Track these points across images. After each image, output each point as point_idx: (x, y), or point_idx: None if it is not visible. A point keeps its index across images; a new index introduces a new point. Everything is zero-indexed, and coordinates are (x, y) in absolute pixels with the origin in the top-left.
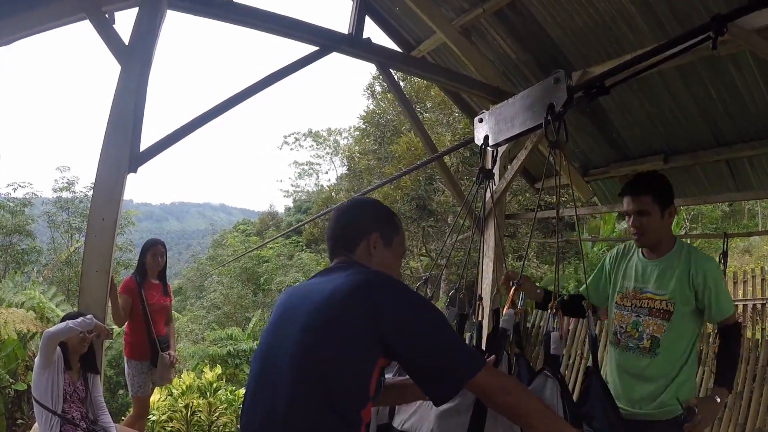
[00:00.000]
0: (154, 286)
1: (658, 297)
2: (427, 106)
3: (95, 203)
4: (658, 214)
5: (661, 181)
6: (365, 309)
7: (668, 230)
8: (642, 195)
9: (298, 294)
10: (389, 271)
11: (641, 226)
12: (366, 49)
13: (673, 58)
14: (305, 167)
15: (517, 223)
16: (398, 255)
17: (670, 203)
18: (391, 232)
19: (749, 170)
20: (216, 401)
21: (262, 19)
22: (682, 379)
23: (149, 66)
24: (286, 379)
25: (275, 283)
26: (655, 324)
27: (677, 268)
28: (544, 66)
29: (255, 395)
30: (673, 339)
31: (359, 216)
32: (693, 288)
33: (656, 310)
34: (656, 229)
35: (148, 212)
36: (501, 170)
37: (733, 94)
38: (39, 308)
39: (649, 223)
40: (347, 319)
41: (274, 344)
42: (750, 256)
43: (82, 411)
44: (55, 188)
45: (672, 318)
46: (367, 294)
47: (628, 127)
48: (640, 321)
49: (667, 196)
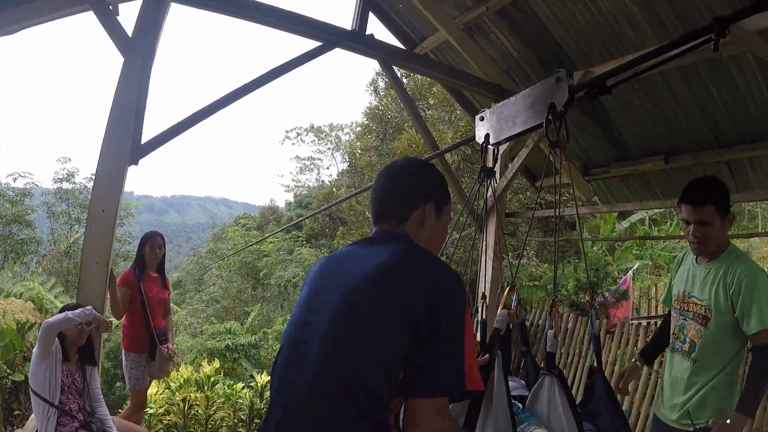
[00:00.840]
0: (152, 279)
1: (700, 302)
2: (429, 103)
3: (96, 194)
4: (719, 223)
5: (722, 190)
6: (404, 292)
7: (726, 238)
8: (706, 205)
9: (334, 267)
10: (437, 245)
11: (702, 236)
12: (369, 45)
13: (674, 59)
14: (306, 162)
15: (518, 222)
16: (446, 226)
17: (729, 210)
18: (444, 201)
19: (750, 171)
20: (213, 395)
21: (266, 13)
22: (712, 396)
23: (152, 58)
24: (314, 362)
25: (275, 278)
26: (695, 328)
27: (719, 274)
28: (547, 64)
29: (282, 377)
30: (708, 347)
31: (415, 180)
32: (729, 295)
33: (697, 315)
34: (716, 239)
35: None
36: (502, 168)
37: (735, 95)
38: (38, 299)
39: (710, 233)
40: (384, 302)
41: (306, 321)
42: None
43: (80, 402)
44: (55, 179)
45: (708, 325)
46: (410, 278)
47: (629, 127)
48: (685, 324)
49: (726, 204)
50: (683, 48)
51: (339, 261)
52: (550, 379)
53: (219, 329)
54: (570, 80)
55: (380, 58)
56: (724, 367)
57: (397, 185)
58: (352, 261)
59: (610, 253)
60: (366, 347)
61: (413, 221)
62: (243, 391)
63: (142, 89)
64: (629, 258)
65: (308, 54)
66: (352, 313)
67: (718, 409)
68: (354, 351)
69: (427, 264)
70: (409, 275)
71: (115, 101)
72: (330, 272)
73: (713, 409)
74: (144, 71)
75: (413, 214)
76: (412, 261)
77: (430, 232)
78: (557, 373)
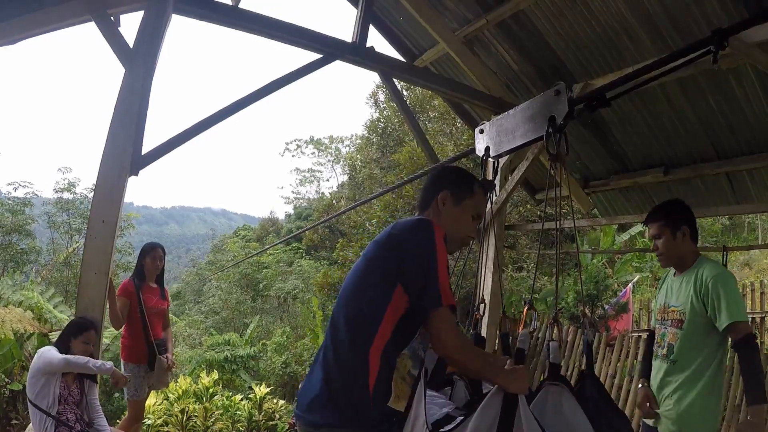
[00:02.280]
0: (152, 290)
1: (676, 308)
2: (430, 116)
3: (96, 205)
4: (670, 235)
5: (672, 208)
6: (392, 245)
7: (687, 249)
8: (655, 222)
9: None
10: (457, 227)
11: (660, 248)
12: (369, 57)
13: (674, 72)
14: (306, 174)
15: (517, 234)
16: (468, 214)
17: (681, 225)
18: (464, 193)
19: (749, 183)
20: (212, 407)
21: (267, 25)
22: (698, 402)
23: (153, 69)
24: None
25: (274, 290)
26: (672, 332)
27: (690, 281)
28: (546, 77)
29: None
30: (684, 347)
31: (433, 178)
32: (700, 297)
33: (674, 321)
34: (675, 250)
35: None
36: (501, 181)
37: (734, 107)
38: (37, 308)
39: (664, 245)
40: (379, 254)
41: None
42: (750, 269)
43: (77, 413)
44: (56, 189)
45: (683, 326)
46: (398, 235)
47: (628, 140)
48: (665, 332)
49: (675, 219)
50: (683, 60)
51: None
52: (558, 389)
53: (218, 340)
54: (569, 93)
55: (380, 71)
56: (704, 368)
57: (424, 186)
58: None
59: (610, 265)
60: (362, 285)
61: (433, 208)
62: (241, 403)
63: (143, 100)
64: (629, 270)
65: (308, 66)
66: (351, 277)
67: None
68: (355, 291)
69: (399, 224)
70: (398, 233)
71: (116, 111)
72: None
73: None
74: (145, 82)
75: (432, 203)
76: (404, 222)
77: (447, 215)
78: (565, 381)
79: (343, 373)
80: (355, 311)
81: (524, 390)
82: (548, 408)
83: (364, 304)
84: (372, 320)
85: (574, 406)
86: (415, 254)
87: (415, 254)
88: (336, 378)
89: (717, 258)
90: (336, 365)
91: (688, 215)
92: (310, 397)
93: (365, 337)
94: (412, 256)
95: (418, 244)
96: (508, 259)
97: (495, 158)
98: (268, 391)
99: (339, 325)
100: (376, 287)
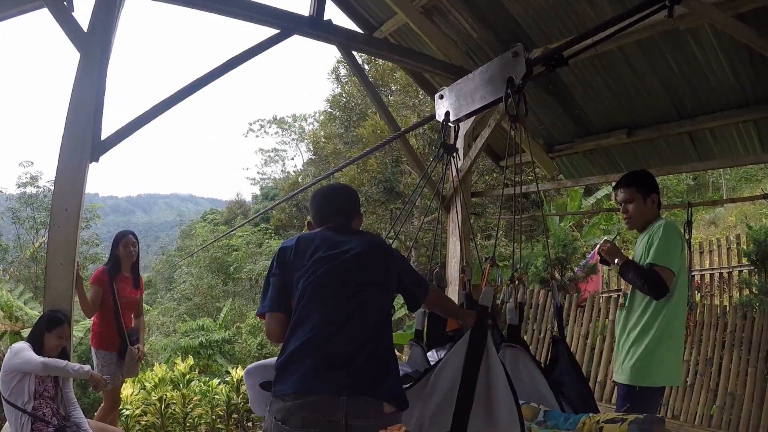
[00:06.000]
0: (125, 279)
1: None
2: (392, 89)
3: (57, 193)
4: (641, 201)
5: (643, 177)
6: (390, 259)
7: (653, 214)
8: (628, 187)
9: (329, 248)
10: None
11: (629, 212)
12: (327, 30)
13: (631, 28)
14: (271, 154)
15: (485, 203)
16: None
17: (651, 193)
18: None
19: (711, 141)
20: (190, 393)
21: (221, 1)
22: (651, 346)
23: (109, 52)
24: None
25: (245, 272)
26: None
27: (645, 236)
28: (506, 44)
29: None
30: (634, 293)
31: (351, 200)
32: (646, 248)
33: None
34: (642, 214)
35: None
36: (465, 149)
37: (694, 68)
38: (7, 307)
39: (635, 209)
40: (388, 264)
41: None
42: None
43: (53, 407)
44: (18, 183)
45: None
46: (389, 251)
47: (591, 103)
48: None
49: (646, 187)
50: (638, 15)
51: (330, 244)
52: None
53: (192, 326)
54: (527, 54)
55: (339, 44)
56: (654, 316)
57: (343, 202)
58: (343, 246)
59: (578, 229)
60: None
61: (356, 223)
62: (219, 387)
63: (99, 84)
64: (597, 233)
65: (266, 42)
66: (379, 274)
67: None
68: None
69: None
70: (387, 249)
71: (72, 97)
72: (329, 255)
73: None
74: (101, 65)
75: (354, 219)
76: (382, 241)
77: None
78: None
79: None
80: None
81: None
82: (506, 367)
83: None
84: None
85: (530, 367)
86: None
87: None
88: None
89: (683, 216)
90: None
91: (656, 185)
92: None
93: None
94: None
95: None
96: (476, 228)
97: (455, 123)
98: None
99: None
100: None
